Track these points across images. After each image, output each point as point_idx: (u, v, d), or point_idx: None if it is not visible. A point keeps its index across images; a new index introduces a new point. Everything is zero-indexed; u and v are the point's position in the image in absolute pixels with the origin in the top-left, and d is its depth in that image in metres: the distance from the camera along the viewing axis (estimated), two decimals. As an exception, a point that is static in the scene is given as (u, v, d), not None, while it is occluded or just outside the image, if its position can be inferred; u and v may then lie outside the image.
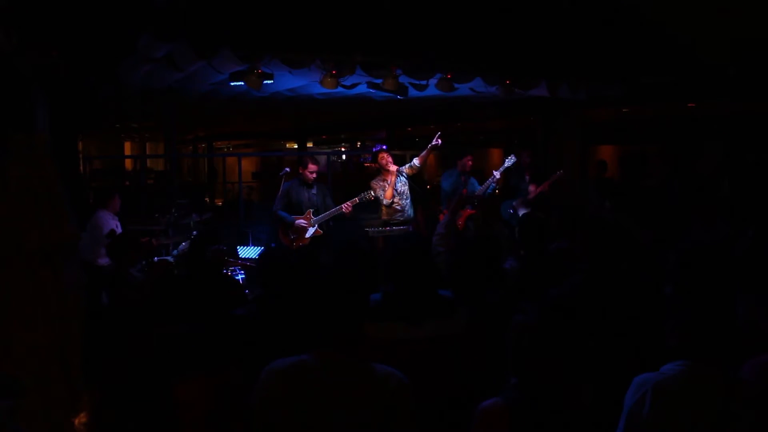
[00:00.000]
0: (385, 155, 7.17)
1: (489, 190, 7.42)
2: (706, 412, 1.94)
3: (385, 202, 7.03)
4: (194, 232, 6.62)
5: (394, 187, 7.03)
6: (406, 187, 7.13)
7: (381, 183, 7.09)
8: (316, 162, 6.92)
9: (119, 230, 5.98)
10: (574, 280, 2.97)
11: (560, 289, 2.95)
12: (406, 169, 7.13)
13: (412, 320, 2.68)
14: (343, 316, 2.07)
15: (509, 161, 7.39)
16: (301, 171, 6.78)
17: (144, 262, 5.91)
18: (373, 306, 2.75)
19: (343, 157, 23.94)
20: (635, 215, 5.63)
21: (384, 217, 7.16)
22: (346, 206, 6.70)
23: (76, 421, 2.07)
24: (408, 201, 7.16)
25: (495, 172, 7.36)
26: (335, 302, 2.09)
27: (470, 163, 7.60)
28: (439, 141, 6.95)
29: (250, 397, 2.06)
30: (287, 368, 2.05)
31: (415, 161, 7.11)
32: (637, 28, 5.83)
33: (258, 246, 7.33)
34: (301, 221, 6.68)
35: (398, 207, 7.09)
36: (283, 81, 6.37)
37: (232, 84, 6.09)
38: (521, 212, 7.68)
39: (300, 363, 2.04)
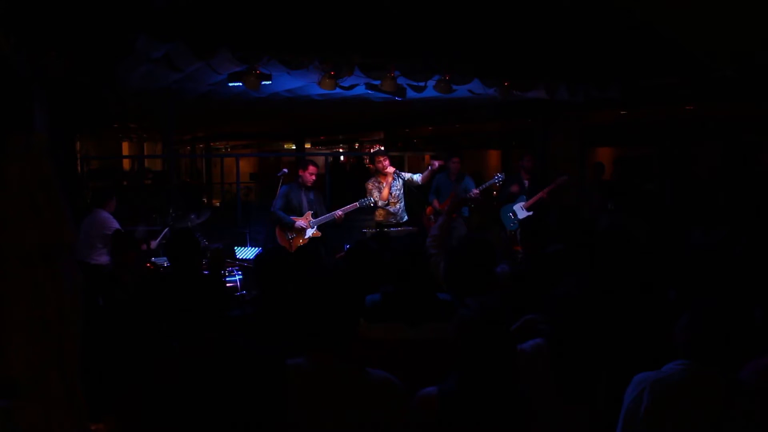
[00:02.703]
0: (381, 158, 7.20)
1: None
2: (705, 412, 1.95)
3: (380, 203, 7.07)
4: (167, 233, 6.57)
5: (390, 188, 7.08)
6: (401, 192, 7.18)
7: (376, 184, 7.13)
8: (316, 164, 6.91)
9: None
10: (577, 282, 2.96)
11: (566, 290, 2.94)
12: (405, 175, 7.17)
13: (410, 322, 2.68)
14: (338, 318, 2.05)
15: (496, 179, 7.54)
16: (301, 173, 6.75)
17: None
18: (372, 307, 2.75)
19: (341, 158, 23.95)
20: (637, 217, 5.63)
21: (378, 219, 7.18)
22: (338, 215, 6.72)
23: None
24: (401, 205, 7.21)
25: (474, 189, 7.60)
26: (330, 304, 2.06)
27: (456, 165, 7.62)
28: (436, 164, 7.12)
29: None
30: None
31: (417, 178, 7.15)
32: (635, 31, 5.84)
33: (255, 247, 7.32)
34: (300, 222, 6.69)
35: (392, 210, 7.13)
36: (281, 82, 6.36)
37: (230, 84, 6.09)
38: (521, 216, 7.74)
39: (296, 366, 2.03)
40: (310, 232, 6.72)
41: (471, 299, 2.21)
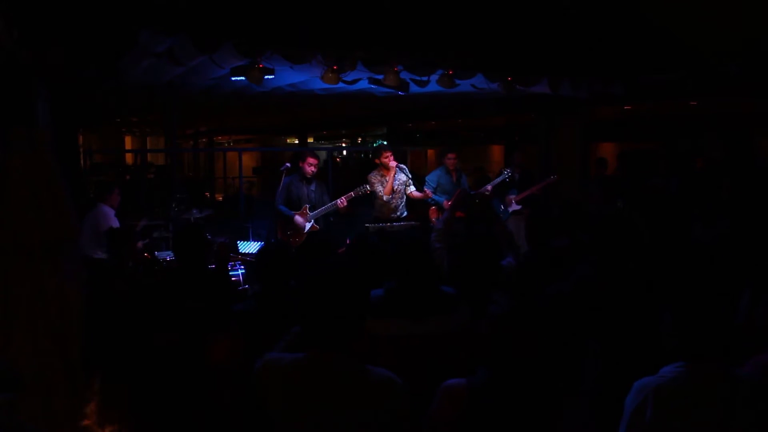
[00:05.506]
0: (387, 152, 7.22)
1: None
2: (708, 413, 1.92)
3: (384, 197, 7.07)
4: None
5: (393, 182, 7.08)
6: (403, 188, 7.19)
7: (379, 178, 7.12)
8: (315, 156, 6.95)
9: (116, 224, 5.98)
10: (577, 277, 2.96)
11: (561, 285, 2.94)
12: (405, 175, 7.16)
13: (414, 316, 2.67)
14: (341, 315, 2.02)
15: (504, 175, 7.61)
16: (300, 165, 6.84)
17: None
18: (375, 302, 2.74)
19: (344, 153, 23.92)
20: (645, 214, 5.62)
21: (378, 215, 7.17)
22: (341, 201, 6.74)
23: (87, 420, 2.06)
24: (402, 201, 7.22)
25: (488, 186, 7.71)
26: (332, 300, 2.03)
27: (452, 161, 7.66)
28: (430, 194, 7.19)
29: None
30: (283, 365, 2.03)
31: (411, 189, 7.19)
32: (638, 26, 5.82)
33: (258, 241, 7.33)
34: (298, 218, 6.73)
35: (393, 205, 7.13)
36: (284, 76, 6.35)
37: (233, 79, 6.07)
38: (511, 209, 7.78)
39: (296, 361, 2.03)
40: (307, 227, 6.75)
41: (497, 295, 2.23)
